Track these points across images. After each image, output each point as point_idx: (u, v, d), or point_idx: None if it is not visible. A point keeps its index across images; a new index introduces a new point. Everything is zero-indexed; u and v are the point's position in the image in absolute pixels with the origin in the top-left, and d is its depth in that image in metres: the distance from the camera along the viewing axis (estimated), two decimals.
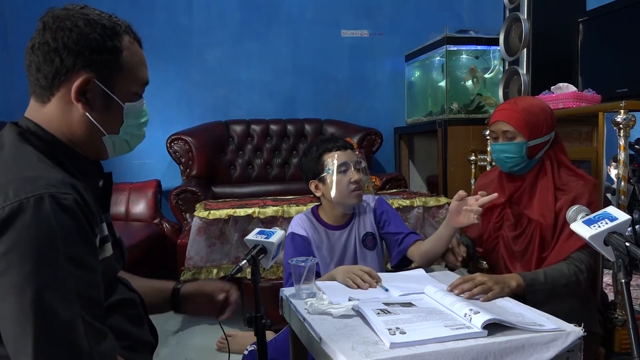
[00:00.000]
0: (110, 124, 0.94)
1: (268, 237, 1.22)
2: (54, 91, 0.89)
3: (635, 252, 0.93)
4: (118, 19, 0.94)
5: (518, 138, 1.54)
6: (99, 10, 0.94)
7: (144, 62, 0.98)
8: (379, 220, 1.76)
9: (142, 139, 1.03)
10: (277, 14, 3.80)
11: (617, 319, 1.79)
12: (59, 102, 0.90)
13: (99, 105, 0.92)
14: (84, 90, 0.89)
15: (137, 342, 1.02)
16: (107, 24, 0.91)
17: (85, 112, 0.90)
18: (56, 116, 0.90)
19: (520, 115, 1.54)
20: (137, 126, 0.99)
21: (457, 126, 3.24)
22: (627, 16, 2.14)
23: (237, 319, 2.42)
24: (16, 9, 3.34)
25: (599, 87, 2.21)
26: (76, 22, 0.88)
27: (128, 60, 0.93)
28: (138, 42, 0.97)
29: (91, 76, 0.89)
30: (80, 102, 0.90)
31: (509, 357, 0.97)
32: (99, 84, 0.90)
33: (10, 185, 0.77)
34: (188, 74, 3.68)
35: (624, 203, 1.85)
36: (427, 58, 3.73)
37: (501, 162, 1.60)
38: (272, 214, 2.30)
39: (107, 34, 0.90)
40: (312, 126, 3.69)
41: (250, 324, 1.17)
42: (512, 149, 1.55)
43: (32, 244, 0.74)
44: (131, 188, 3.31)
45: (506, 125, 1.55)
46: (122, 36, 0.92)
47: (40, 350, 0.72)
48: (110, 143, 0.96)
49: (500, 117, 1.58)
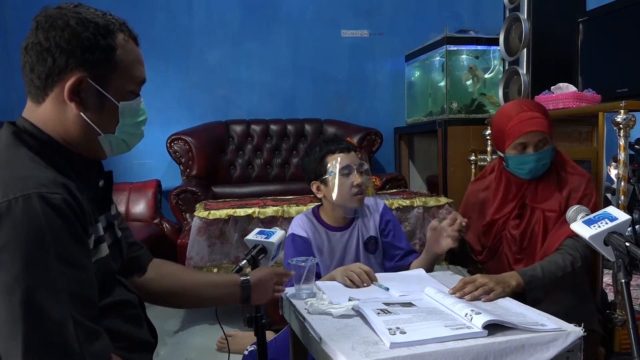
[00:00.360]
0: (105, 124, 0.93)
1: (268, 237, 1.23)
2: (48, 91, 0.89)
3: (635, 252, 0.93)
4: (112, 17, 0.93)
5: (549, 143, 1.54)
6: (93, 8, 0.93)
7: (139, 59, 0.97)
8: (384, 227, 1.74)
9: (141, 138, 1.02)
10: (277, 14, 3.80)
11: (617, 319, 1.80)
12: (54, 102, 0.89)
13: (93, 104, 0.91)
14: (78, 90, 0.89)
15: (135, 343, 1.01)
16: (100, 22, 0.89)
17: (80, 112, 0.90)
18: (51, 116, 0.90)
19: (546, 121, 1.54)
20: (134, 125, 0.98)
21: (457, 126, 3.24)
22: (627, 16, 2.14)
23: (237, 319, 2.44)
24: (16, 9, 3.35)
25: (599, 87, 2.21)
26: (68, 21, 0.87)
27: (122, 59, 0.92)
28: (134, 39, 0.96)
29: (84, 75, 0.88)
30: (74, 101, 0.89)
31: (509, 357, 0.97)
32: (93, 83, 0.89)
33: (1, 185, 0.76)
34: (188, 74, 3.68)
35: (624, 203, 1.85)
36: (427, 58, 3.73)
37: (535, 171, 1.56)
38: (272, 214, 2.30)
39: (100, 32, 0.89)
40: (312, 126, 3.69)
41: (250, 324, 1.17)
42: (547, 155, 1.54)
43: (21, 244, 0.73)
44: (131, 188, 3.31)
45: (541, 134, 1.52)
46: (115, 34, 0.91)
47: (30, 351, 0.72)
48: (107, 142, 0.95)
49: (536, 127, 1.52)
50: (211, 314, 2.61)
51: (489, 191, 1.69)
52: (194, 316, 2.60)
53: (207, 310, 2.69)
